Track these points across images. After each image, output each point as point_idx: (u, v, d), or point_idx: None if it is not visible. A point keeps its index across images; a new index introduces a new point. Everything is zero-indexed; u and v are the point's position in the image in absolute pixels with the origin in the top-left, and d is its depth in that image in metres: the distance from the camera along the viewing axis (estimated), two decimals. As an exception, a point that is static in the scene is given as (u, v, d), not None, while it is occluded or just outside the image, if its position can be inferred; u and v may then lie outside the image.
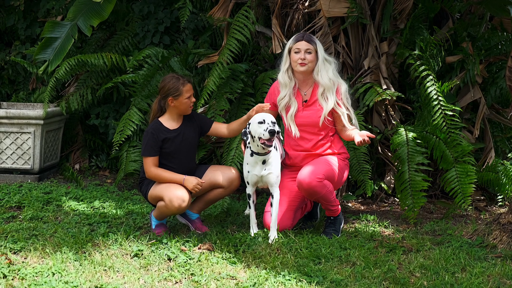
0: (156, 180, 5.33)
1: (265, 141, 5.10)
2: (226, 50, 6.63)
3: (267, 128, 5.08)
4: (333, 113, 5.40)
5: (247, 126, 5.22)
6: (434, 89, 6.14)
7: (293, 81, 5.42)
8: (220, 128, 5.59)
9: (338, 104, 5.35)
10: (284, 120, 5.48)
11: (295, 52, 5.34)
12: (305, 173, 5.21)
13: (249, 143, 5.25)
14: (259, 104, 5.38)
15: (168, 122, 5.38)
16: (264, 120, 5.13)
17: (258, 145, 5.18)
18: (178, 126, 5.39)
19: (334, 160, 5.41)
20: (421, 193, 5.92)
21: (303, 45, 5.33)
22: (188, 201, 5.19)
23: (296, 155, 5.49)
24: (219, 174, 5.45)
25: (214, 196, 5.51)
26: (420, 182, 5.94)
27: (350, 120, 5.42)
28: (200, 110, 6.66)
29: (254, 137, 5.16)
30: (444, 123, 6.09)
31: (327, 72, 5.34)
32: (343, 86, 5.40)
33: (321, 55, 5.36)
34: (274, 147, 5.29)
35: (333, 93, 5.34)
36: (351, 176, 6.20)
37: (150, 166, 5.31)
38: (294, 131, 5.42)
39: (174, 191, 5.17)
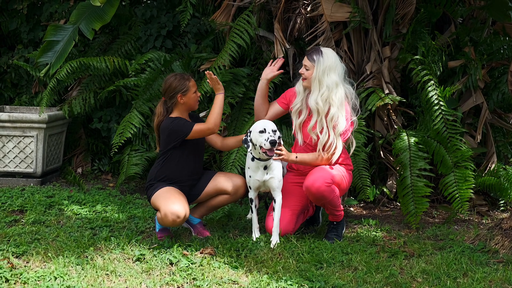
0: (216, 119, 5.28)
1: (267, 151, 5.11)
2: (225, 53, 6.65)
3: (268, 138, 5.08)
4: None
5: (248, 134, 5.22)
6: (435, 94, 6.15)
7: (307, 91, 5.39)
8: (214, 138, 5.59)
9: (321, 126, 5.29)
10: (293, 125, 5.46)
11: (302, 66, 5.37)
12: (313, 177, 5.20)
13: (250, 149, 5.26)
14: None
15: None
16: (264, 129, 5.13)
17: (259, 152, 5.19)
18: None
19: (339, 167, 5.41)
20: (423, 199, 5.92)
21: (304, 60, 5.34)
22: (184, 216, 5.10)
23: None
24: (226, 181, 5.45)
25: (218, 202, 5.51)
26: (423, 188, 5.94)
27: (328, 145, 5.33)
28: (201, 115, 6.67)
29: (255, 145, 5.16)
30: (444, 128, 6.09)
31: (318, 95, 5.24)
32: (332, 110, 5.24)
33: (316, 74, 5.26)
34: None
35: (320, 115, 5.26)
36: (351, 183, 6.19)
37: (201, 126, 5.28)
38: (300, 139, 5.41)
39: (170, 206, 5.11)
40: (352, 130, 5.43)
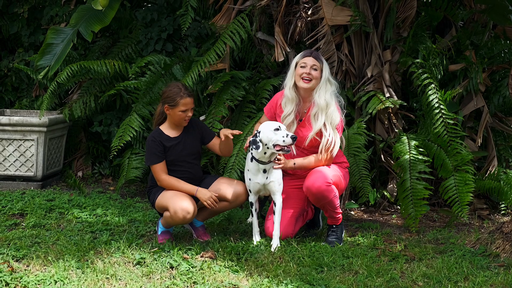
0: (169, 189, 5.32)
1: (284, 147, 5.10)
2: (212, 52, 6.67)
3: (288, 135, 5.09)
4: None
5: (257, 134, 5.19)
6: (436, 97, 6.15)
7: (298, 97, 5.38)
8: (217, 145, 5.56)
9: (325, 126, 5.29)
10: None
11: (301, 67, 5.30)
12: (314, 178, 5.20)
13: (251, 149, 5.24)
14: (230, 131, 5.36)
15: (169, 130, 5.37)
16: (279, 127, 5.13)
17: (265, 153, 5.17)
18: (178, 134, 5.38)
19: (335, 166, 5.41)
20: (422, 201, 5.91)
21: (310, 61, 5.29)
22: (193, 212, 5.16)
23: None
24: (226, 188, 5.41)
25: (219, 208, 5.47)
26: (422, 191, 5.93)
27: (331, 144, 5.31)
28: (201, 118, 6.68)
29: (266, 144, 5.15)
30: (445, 132, 6.09)
31: (326, 93, 5.28)
32: (331, 108, 5.27)
33: (325, 75, 5.30)
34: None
35: (325, 114, 5.27)
36: (351, 183, 6.19)
37: (160, 174, 5.29)
38: (294, 148, 5.40)
39: (179, 203, 5.15)
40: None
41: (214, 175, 5.66)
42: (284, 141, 5.09)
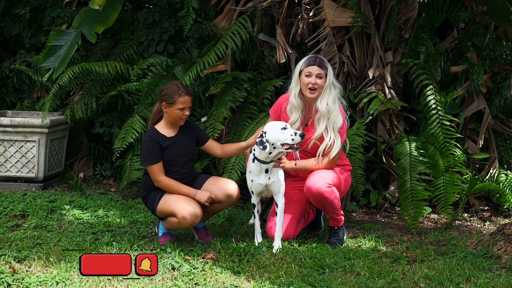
0: (167, 191, 5.30)
1: (293, 145, 5.09)
2: (212, 52, 6.69)
3: (296, 133, 5.08)
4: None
5: (263, 135, 5.16)
6: (434, 98, 6.16)
7: (303, 103, 5.36)
8: (214, 147, 5.54)
9: (327, 130, 5.28)
10: None
11: (306, 76, 5.26)
12: (315, 179, 5.20)
13: (254, 149, 5.25)
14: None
15: (165, 129, 5.35)
16: (286, 126, 5.13)
17: (270, 153, 5.16)
18: (174, 134, 5.36)
19: (337, 169, 5.41)
20: (422, 203, 5.92)
21: (315, 69, 5.24)
22: (201, 215, 5.16)
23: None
24: (216, 189, 5.37)
25: (214, 209, 5.46)
26: (421, 192, 5.94)
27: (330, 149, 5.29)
28: (203, 119, 6.68)
29: (273, 144, 5.14)
30: (440, 133, 6.10)
31: (328, 98, 5.25)
32: (333, 113, 5.25)
33: (329, 80, 5.27)
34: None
35: (327, 120, 5.26)
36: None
37: (159, 174, 5.25)
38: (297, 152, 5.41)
39: (187, 208, 5.11)
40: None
41: (206, 175, 5.62)
42: (293, 139, 5.09)
